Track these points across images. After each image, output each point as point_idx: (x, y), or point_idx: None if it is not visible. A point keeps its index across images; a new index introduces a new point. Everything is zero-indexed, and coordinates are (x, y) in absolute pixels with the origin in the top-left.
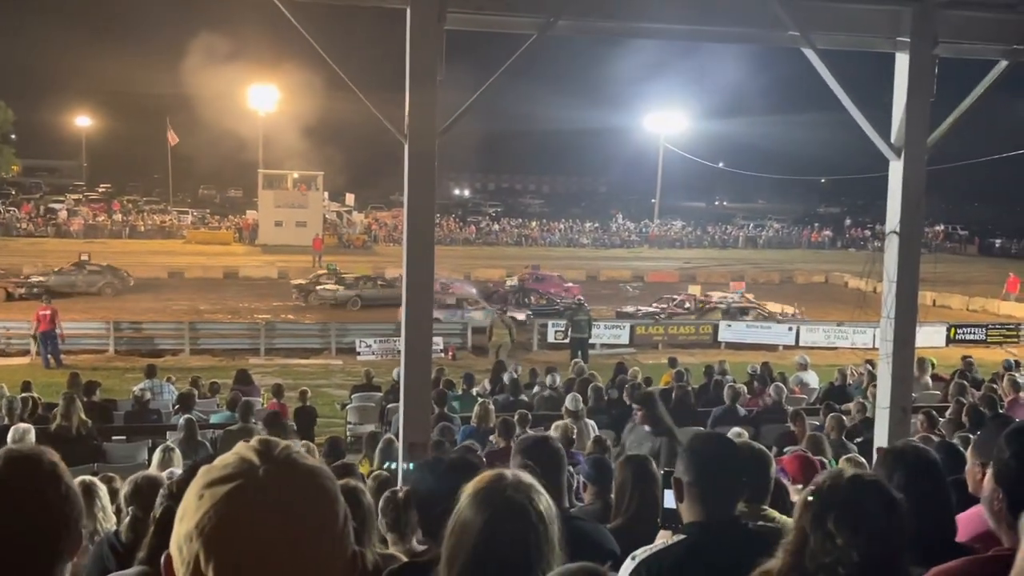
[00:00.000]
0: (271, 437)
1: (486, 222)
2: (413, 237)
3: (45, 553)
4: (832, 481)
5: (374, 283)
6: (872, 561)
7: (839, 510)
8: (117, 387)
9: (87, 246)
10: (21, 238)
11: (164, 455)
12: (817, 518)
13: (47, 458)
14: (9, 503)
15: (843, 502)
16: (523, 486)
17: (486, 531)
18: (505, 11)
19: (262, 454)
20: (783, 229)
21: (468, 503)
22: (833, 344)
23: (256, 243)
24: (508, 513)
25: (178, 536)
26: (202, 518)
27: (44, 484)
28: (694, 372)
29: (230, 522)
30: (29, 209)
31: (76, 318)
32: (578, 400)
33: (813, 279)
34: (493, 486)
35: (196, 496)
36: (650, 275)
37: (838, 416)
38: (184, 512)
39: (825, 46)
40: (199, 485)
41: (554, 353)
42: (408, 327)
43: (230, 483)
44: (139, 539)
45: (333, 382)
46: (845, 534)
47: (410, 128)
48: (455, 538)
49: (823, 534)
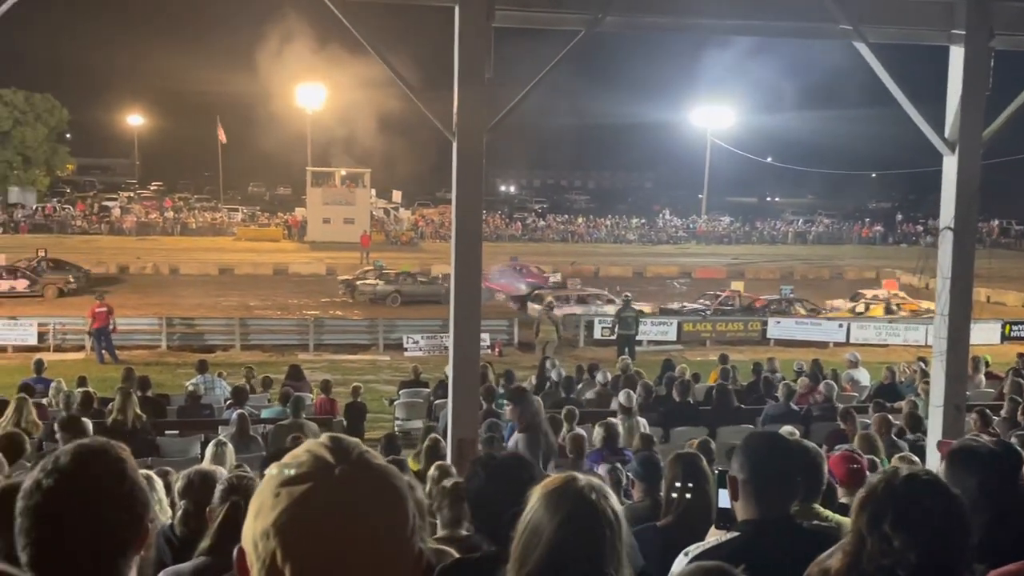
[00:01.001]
0: (342, 436)
1: (532, 218)
2: (461, 234)
3: (114, 545)
4: (887, 481)
5: (414, 279)
6: (931, 561)
7: (895, 511)
8: (169, 382)
9: (139, 243)
10: (76, 235)
11: (217, 449)
12: (873, 520)
13: (115, 452)
14: (79, 496)
15: (899, 503)
16: (595, 488)
17: (559, 533)
18: (553, 7)
19: (336, 453)
20: (833, 225)
21: (540, 504)
22: (884, 341)
23: (305, 240)
24: (581, 515)
25: (253, 532)
26: (279, 517)
27: (113, 477)
28: (742, 369)
29: (307, 522)
30: (83, 207)
31: (129, 314)
32: (631, 396)
33: (864, 275)
34: (566, 488)
35: (272, 494)
36: (697, 271)
37: (884, 415)
38: (260, 509)
39: (878, 40)
40: (275, 483)
41: (601, 350)
42: (457, 323)
43: (306, 483)
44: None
45: (381, 377)
46: (902, 536)
47: (458, 125)
48: (526, 539)
49: (880, 536)
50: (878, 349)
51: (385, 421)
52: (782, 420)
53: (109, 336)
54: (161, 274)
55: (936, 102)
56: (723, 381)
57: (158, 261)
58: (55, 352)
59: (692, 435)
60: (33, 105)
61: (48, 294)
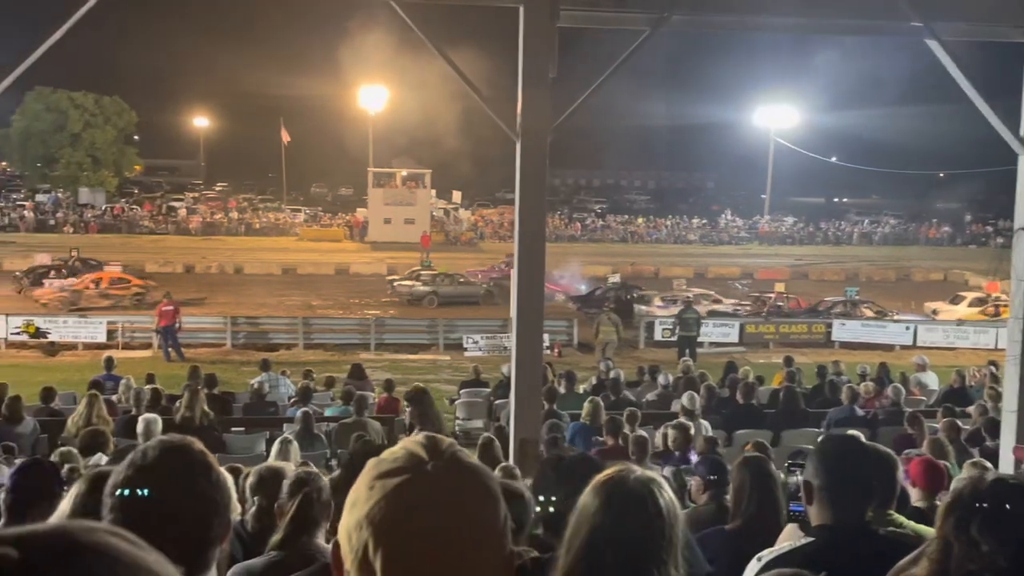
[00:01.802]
0: (436, 435)
1: (592, 218)
2: (524, 235)
3: (200, 539)
4: (973, 486)
5: (452, 280)
6: (1020, 565)
7: (983, 516)
8: (234, 380)
9: (205, 243)
10: (143, 235)
11: (282, 447)
12: (960, 525)
13: (198, 447)
14: (166, 491)
15: (986, 507)
16: (646, 480)
17: (602, 518)
18: (618, 7)
19: (430, 450)
20: (899, 225)
21: (590, 493)
22: (953, 344)
23: (366, 240)
24: (626, 503)
25: (347, 525)
26: (372, 508)
27: (197, 472)
28: (806, 372)
29: (399, 513)
30: (151, 207)
31: (195, 313)
32: (695, 399)
33: (931, 277)
34: (616, 477)
35: (367, 487)
36: (760, 272)
37: (953, 420)
38: (354, 502)
39: (950, 37)
40: (370, 476)
41: (661, 351)
42: (519, 324)
43: (400, 476)
44: (264, 528)
45: (441, 377)
46: (990, 541)
47: (522, 126)
48: (580, 534)
49: (967, 541)
50: (946, 352)
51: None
52: (847, 424)
53: (175, 334)
54: (226, 273)
55: (1010, 99)
56: (790, 384)
57: (223, 261)
58: (123, 350)
59: (755, 438)
60: (103, 108)
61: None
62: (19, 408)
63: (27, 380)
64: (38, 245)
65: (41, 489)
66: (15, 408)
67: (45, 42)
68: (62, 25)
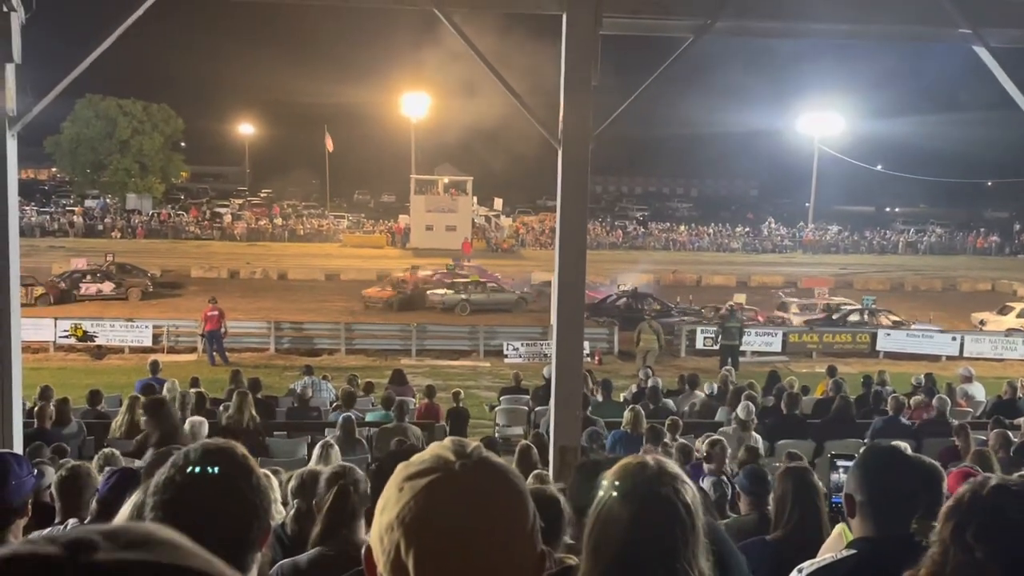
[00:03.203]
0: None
1: (633, 226)
2: (566, 241)
3: (240, 542)
4: (974, 491)
5: (484, 288)
6: (1015, 573)
7: (979, 521)
8: (277, 384)
9: (249, 249)
10: (189, 240)
11: (323, 451)
12: (957, 530)
13: (240, 451)
14: (208, 493)
15: (984, 512)
16: (668, 477)
17: (633, 525)
18: (662, 14)
19: (457, 452)
20: (946, 234)
21: (612, 496)
22: (1001, 355)
23: (408, 247)
24: (654, 506)
25: (379, 527)
26: (402, 509)
27: (238, 475)
28: (850, 382)
29: (429, 512)
30: (196, 213)
31: (240, 318)
32: (751, 410)
33: (978, 287)
34: (638, 477)
35: (397, 488)
36: (804, 281)
37: (1003, 432)
38: (385, 504)
39: (999, 44)
40: (399, 479)
41: (703, 360)
42: (560, 331)
43: (428, 476)
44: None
45: (481, 383)
46: (984, 547)
47: (564, 133)
48: (599, 529)
49: (963, 547)
50: (994, 363)
51: (486, 427)
52: (892, 435)
53: (220, 339)
54: (270, 279)
55: None
56: (838, 393)
57: (267, 266)
58: (168, 354)
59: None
60: (150, 115)
61: (132, 296)
62: (67, 410)
63: (75, 383)
64: (87, 250)
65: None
66: (63, 410)
67: (94, 51)
68: (111, 34)
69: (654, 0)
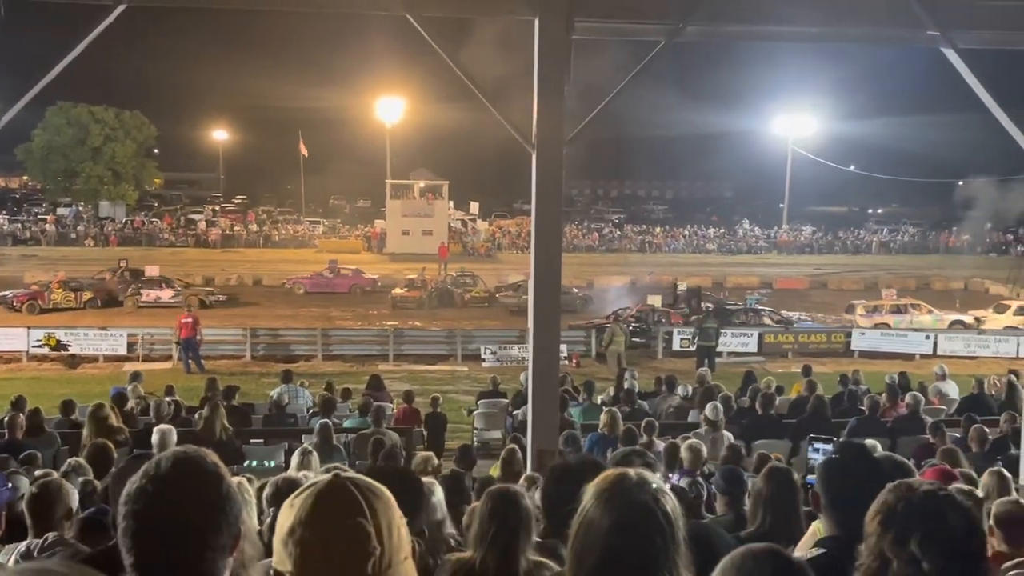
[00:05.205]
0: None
1: (609, 229)
2: (541, 246)
3: (212, 548)
4: (907, 500)
5: None
6: None
7: (924, 530)
8: (254, 391)
9: (224, 255)
10: (163, 248)
11: (303, 458)
12: (898, 540)
13: (210, 459)
14: (181, 501)
15: (926, 521)
16: (648, 486)
17: (613, 534)
18: (633, 18)
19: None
20: (919, 233)
21: (594, 504)
22: (973, 353)
23: (384, 251)
24: (635, 515)
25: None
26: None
27: (208, 483)
28: (826, 382)
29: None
30: (171, 220)
31: (214, 324)
32: (718, 410)
33: (951, 285)
34: (618, 486)
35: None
36: (779, 281)
37: (981, 427)
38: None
39: (967, 45)
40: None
41: (680, 361)
42: (536, 333)
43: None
44: None
45: (459, 388)
46: (932, 558)
47: (538, 137)
48: (581, 539)
49: (906, 558)
50: (967, 361)
51: (464, 431)
52: (867, 434)
53: (196, 347)
54: (245, 285)
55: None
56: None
57: (242, 273)
58: (143, 362)
59: (774, 448)
60: (123, 122)
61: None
62: (39, 421)
63: (48, 392)
64: (60, 259)
65: None
66: (34, 421)
67: (65, 58)
68: (81, 41)
69: (625, 4)
